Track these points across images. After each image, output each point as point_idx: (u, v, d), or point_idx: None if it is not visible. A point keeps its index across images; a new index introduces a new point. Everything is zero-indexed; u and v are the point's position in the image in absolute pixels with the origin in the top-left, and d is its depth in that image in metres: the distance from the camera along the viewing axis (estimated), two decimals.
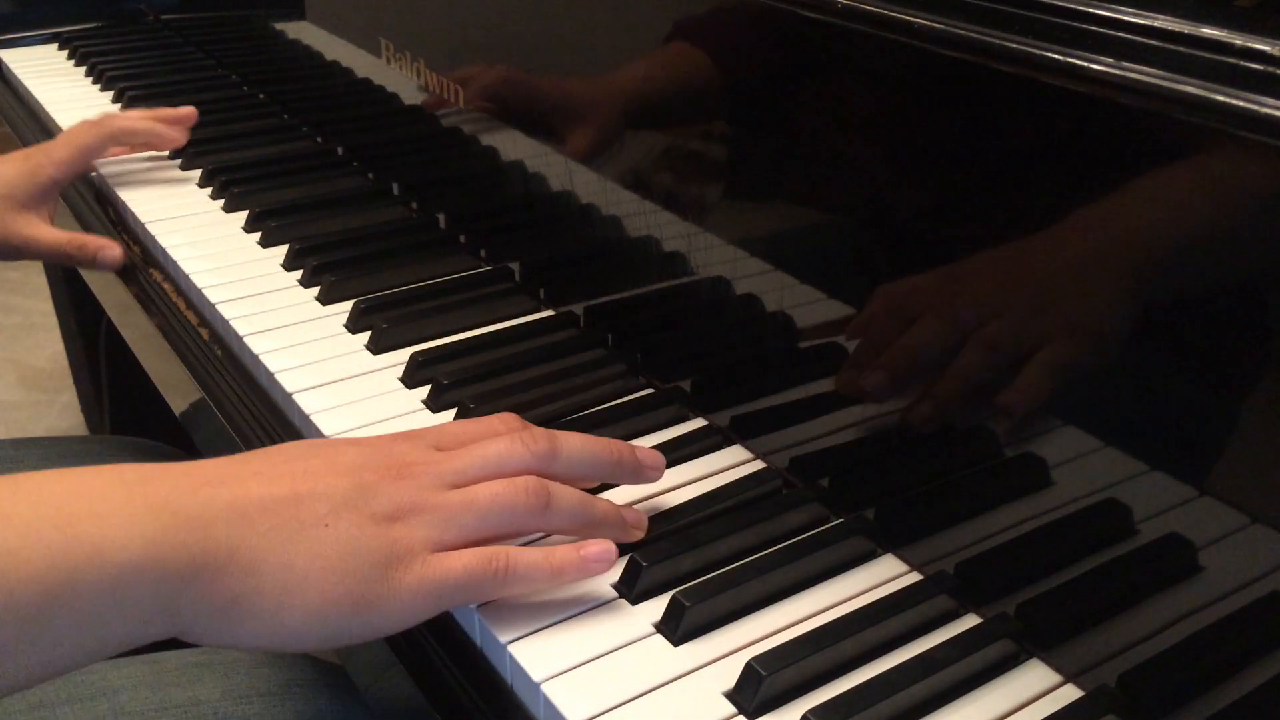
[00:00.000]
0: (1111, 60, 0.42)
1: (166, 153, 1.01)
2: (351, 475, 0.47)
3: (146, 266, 0.86)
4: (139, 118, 0.97)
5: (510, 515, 0.49)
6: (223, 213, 0.91)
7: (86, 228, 0.94)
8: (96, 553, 0.41)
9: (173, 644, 0.65)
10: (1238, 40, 0.39)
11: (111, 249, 0.86)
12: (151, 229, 0.87)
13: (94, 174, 0.97)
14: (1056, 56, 0.44)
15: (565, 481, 0.51)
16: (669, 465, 0.60)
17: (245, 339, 0.72)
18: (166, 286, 0.83)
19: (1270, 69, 0.38)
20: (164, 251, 0.84)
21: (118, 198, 0.93)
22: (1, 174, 0.85)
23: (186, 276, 0.80)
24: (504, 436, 0.51)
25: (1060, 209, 0.47)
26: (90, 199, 0.98)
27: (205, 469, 0.46)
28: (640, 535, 0.54)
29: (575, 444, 0.52)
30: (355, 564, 0.45)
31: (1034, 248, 0.48)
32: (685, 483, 0.59)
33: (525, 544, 0.53)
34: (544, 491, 0.49)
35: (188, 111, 0.99)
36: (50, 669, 0.41)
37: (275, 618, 0.44)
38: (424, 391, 0.67)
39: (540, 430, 0.52)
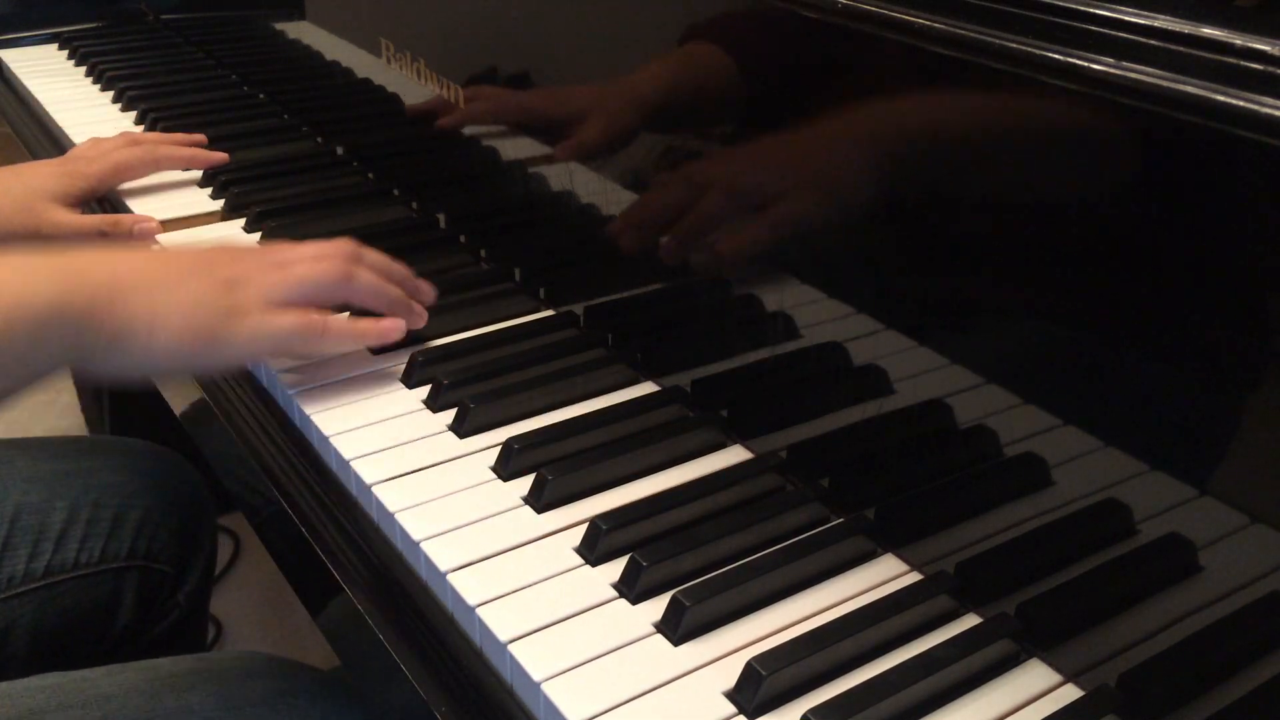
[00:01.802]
0: (1111, 60, 0.42)
1: None
2: (197, 255, 0.65)
3: None
4: (180, 149, 0.97)
5: (320, 286, 0.65)
6: (223, 213, 0.91)
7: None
8: (21, 302, 0.56)
9: (166, 651, 0.65)
10: (1238, 40, 0.39)
11: (146, 222, 0.88)
12: (152, 233, 0.87)
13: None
14: (1056, 56, 0.44)
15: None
16: (670, 465, 0.61)
17: None
18: None
19: (1270, 69, 0.38)
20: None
21: (118, 198, 0.93)
22: (38, 174, 0.88)
23: None
24: (316, 250, 0.67)
25: (1061, 212, 0.47)
26: (102, 195, 0.97)
27: (83, 251, 0.61)
28: (423, 322, 0.70)
29: (376, 255, 0.70)
30: (205, 309, 0.61)
31: (1040, 250, 0.48)
32: (686, 482, 0.59)
33: None
34: (347, 270, 0.66)
35: (202, 143, 1.00)
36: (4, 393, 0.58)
37: (148, 344, 0.59)
38: (424, 391, 0.67)
39: (351, 243, 0.68)
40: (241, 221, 0.89)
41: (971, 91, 0.49)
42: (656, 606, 0.51)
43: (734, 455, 0.62)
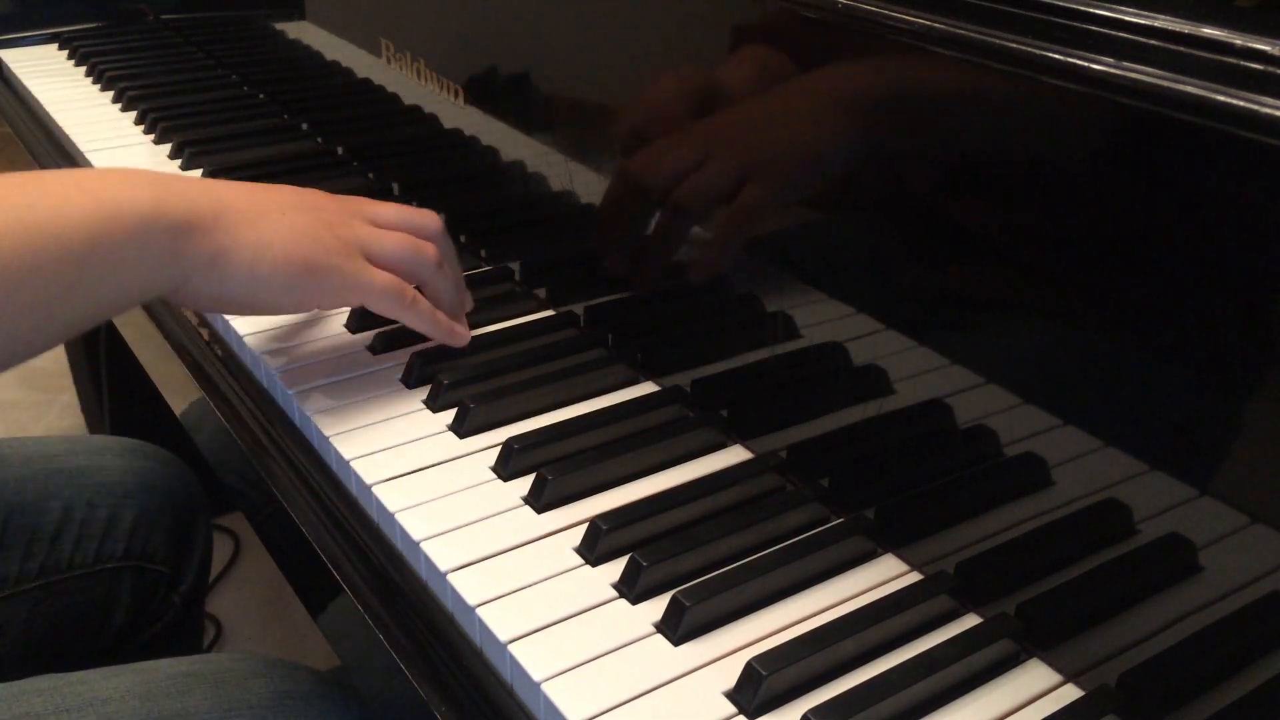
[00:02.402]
0: (1111, 60, 0.42)
1: (166, 153, 1.01)
2: (302, 194, 0.64)
3: None
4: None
5: (412, 262, 0.65)
6: None
7: None
8: (118, 209, 0.55)
9: (161, 652, 0.65)
10: (1238, 40, 0.39)
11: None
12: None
13: (90, 169, 0.97)
14: (1056, 56, 0.44)
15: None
16: (670, 465, 0.61)
17: (245, 339, 0.72)
18: None
19: (1270, 69, 0.38)
20: None
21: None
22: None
23: None
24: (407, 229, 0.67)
25: (1061, 212, 0.47)
26: None
27: (181, 177, 0.62)
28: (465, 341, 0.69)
29: (450, 273, 0.68)
30: (308, 242, 0.60)
31: (1039, 249, 0.48)
32: (686, 482, 0.59)
33: None
34: (438, 258, 0.66)
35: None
36: (89, 314, 0.57)
37: (251, 269, 0.59)
38: (424, 391, 0.67)
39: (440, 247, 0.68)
40: None
41: (970, 90, 0.49)
42: (656, 606, 0.51)
43: (734, 455, 0.62)
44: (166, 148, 1.03)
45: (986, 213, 0.50)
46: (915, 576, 0.54)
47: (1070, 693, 0.49)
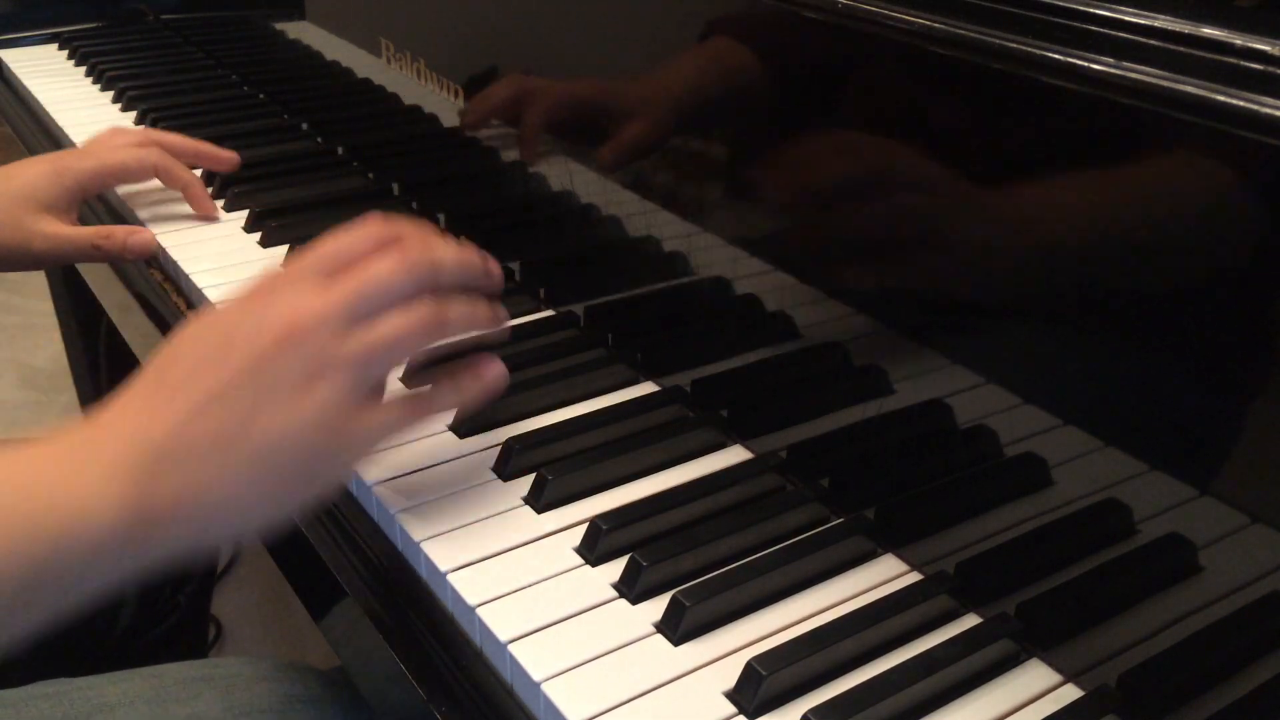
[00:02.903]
0: (1111, 60, 0.42)
1: None
2: (247, 355, 0.47)
3: (147, 266, 0.86)
4: (183, 169, 0.88)
5: (413, 347, 0.51)
6: (223, 213, 0.91)
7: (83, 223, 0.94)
8: (71, 525, 0.44)
9: (172, 658, 0.64)
10: (1238, 40, 0.39)
11: (140, 234, 0.82)
12: (152, 229, 0.87)
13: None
14: (1056, 56, 0.44)
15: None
16: (670, 465, 0.61)
17: None
18: (167, 287, 0.83)
19: (1270, 69, 0.38)
20: (164, 251, 0.84)
21: (117, 196, 0.93)
22: (25, 177, 0.81)
23: (187, 277, 0.80)
24: (386, 260, 0.50)
25: (1061, 212, 0.47)
26: (94, 194, 0.97)
27: (134, 407, 0.48)
28: (507, 332, 0.58)
29: (451, 260, 0.53)
30: (292, 451, 0.47)
31: (1039, 250, 0.48)
32: (686, 482, 0.59)
33: None
34: (438, 318, 0.51)
35: (230, 156, 0.93)
36: (42, 627, 0.45)
37: (241, 521, 0.48)
38: None
39: (415, 244, 0.52)
40: (241, 221, 0.89)
41: (968, 90, 0.49)
42: (656, 606, 0.51)
43: (734, 455, 0.62)
44: None
45: (986, 212, 0.50)
46: (915, 576, 0.54)
47: (1070, 693, 0.49)
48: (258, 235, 0.86)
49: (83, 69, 1.24)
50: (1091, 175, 0.46)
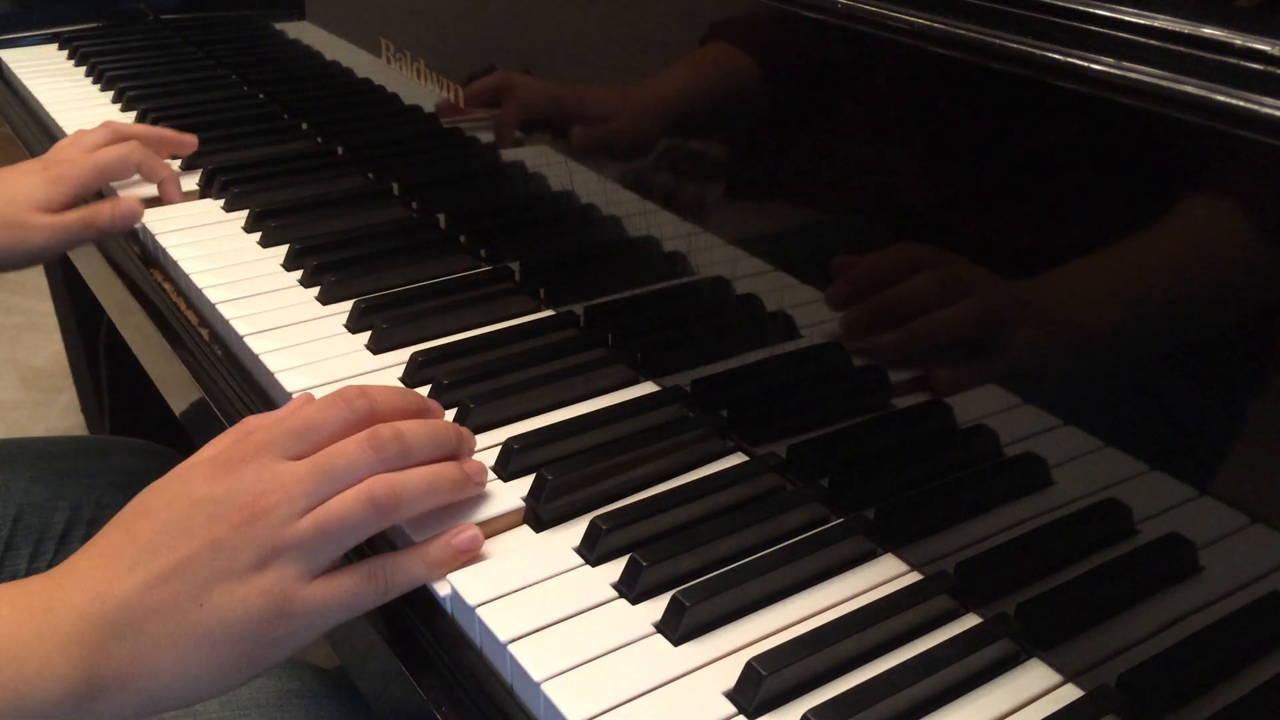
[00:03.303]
0: (1111, 60, 0.42)
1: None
2: (206, 534, 0.49)
3: (146, 266, 0.86)
4: (161, 164, 0.93)
5: (364, 530, 0.51)
6: (223, 213, 0.91)
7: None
8: (18, 696, 0.45)
9: None
10: (1238, 40, 0.39)
11: (123, 203, 0.85)
12: (151, 229, 0.87)
13: None
14: (1056, 56, 0.44)
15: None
16: (685, 470, 0.61)
17: (245, 339, 0.72)
18: (166, 286, 0.83)
19: (1270, 69, 0.38)
20: (164, 251, 0.84)
21: (116, 195, 0.93)
22: (21, 184, 0.84)
23: (186, 276, 0.80)
24: (353, 445, 0.52)
25: (1057, 209, 0.47)
26: (89, 197, 0.98)
27: (92, 574, 0.49)
28: (481, 488, 0.57)
29: (422, 437, 0.54)
30: (241, 629, 0.48)
31: (1038, 250, 0.48)
32: (686, 482, 0.59)
33: None
34: (392, 497, 0.51)
35: (191, 139, 0.98)
36: None
37: (189, 694, 0.49)
38: (424, 391, 0.67)
39: (386, 430, 0.53)
40: (241, 221, 0.89)
41: (968, 92, 0.49)
42: (656, 606, 0.51)
43: (734, 455, 0.62)
44: None
45: (986, 213, 0.50)
46: (915, 576, 0.54)
47: (1070, 693, 0.49)
48: (258, 235, 0.86)
49: (83, 69, 1.24)
50: (1090, 176, 0.46)
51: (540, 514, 0.57)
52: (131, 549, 0.49)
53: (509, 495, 0.58)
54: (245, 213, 0.89)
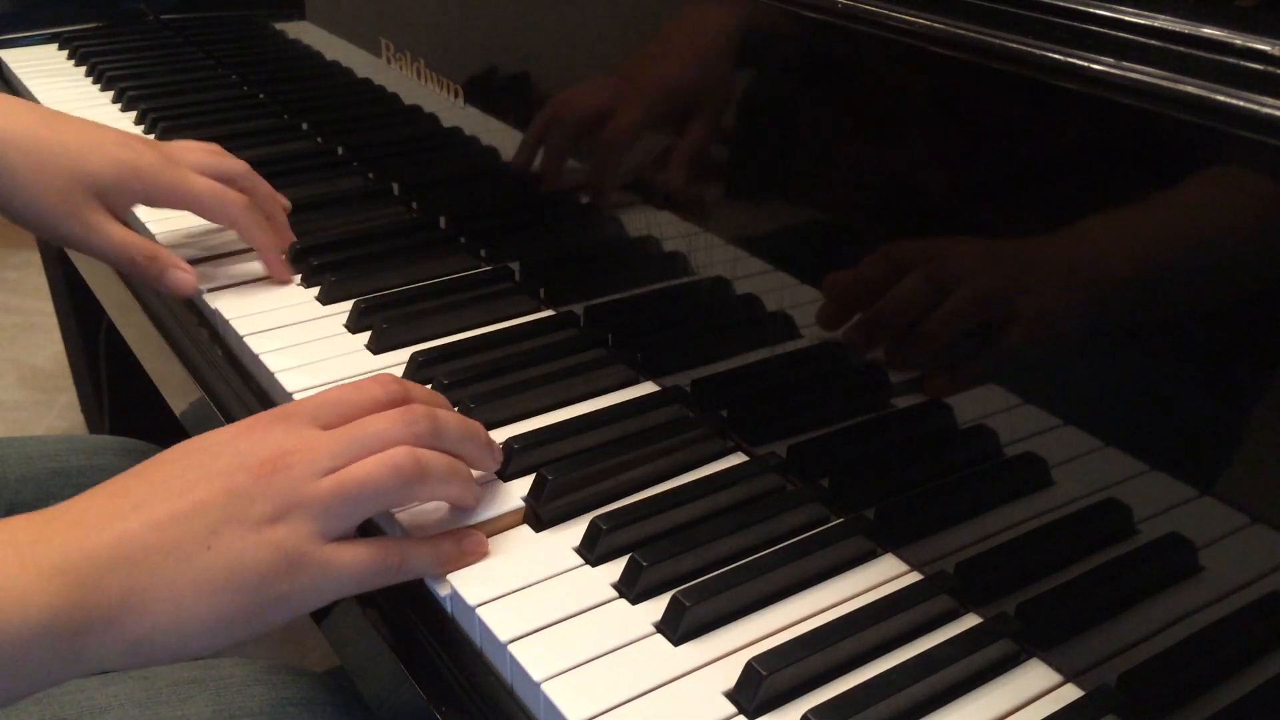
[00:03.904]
0: (1111, 60, 0.42)
1: None
2: (225, 480, 0.48)
3: None
4: (268, 236, 0.79)
5: (385, 497, 0.50)
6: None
7: None
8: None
9: None
10: (1238, 40, 0.39)
11: (182, 271, 0.76)
12: (151, 229, 0.87)
13: None
14: (1056, 56, 0.44)
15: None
16: (685, 470, 0.61)
17: (245, 339, 0.72)
18: None
19: (1270, 69, 0.38)
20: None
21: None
22: (98, 163, 0.74)
23: None
24: (384, 417, 0.51)
25: (1057, 209, 0.47)
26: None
27: (92, 511, 0.47)
28: (476, 504, 0.56)
29: (454, 423, 0.54)
30: (244, 579, 0.47)
31: (1030, 246, 0.48)
32: (686, 482, 0.59)
33: None
34: (416, 467, 0.50)
35: (288, 237, 0.83)
36: None
37: (180, 643, 0.47)
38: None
39: (421, 408, 0.53)
40: None
41: (968, 92, 0.49)
42: (656, 606, 0.51)
43: (734, 455, 0.62)
44: None
45: (986, 212, 0.50)
46: (915, 576, 0.54)
47: (1070, 693, 0.49)
48: None
49: (83, 69, 1.24)
50: (1090, 176, 0.46)
51: (540, 514, 0.57)
52: (139, 490, 0.48)
53: (509, 495, 0.58)
54: None
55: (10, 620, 0.43)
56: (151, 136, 1.06)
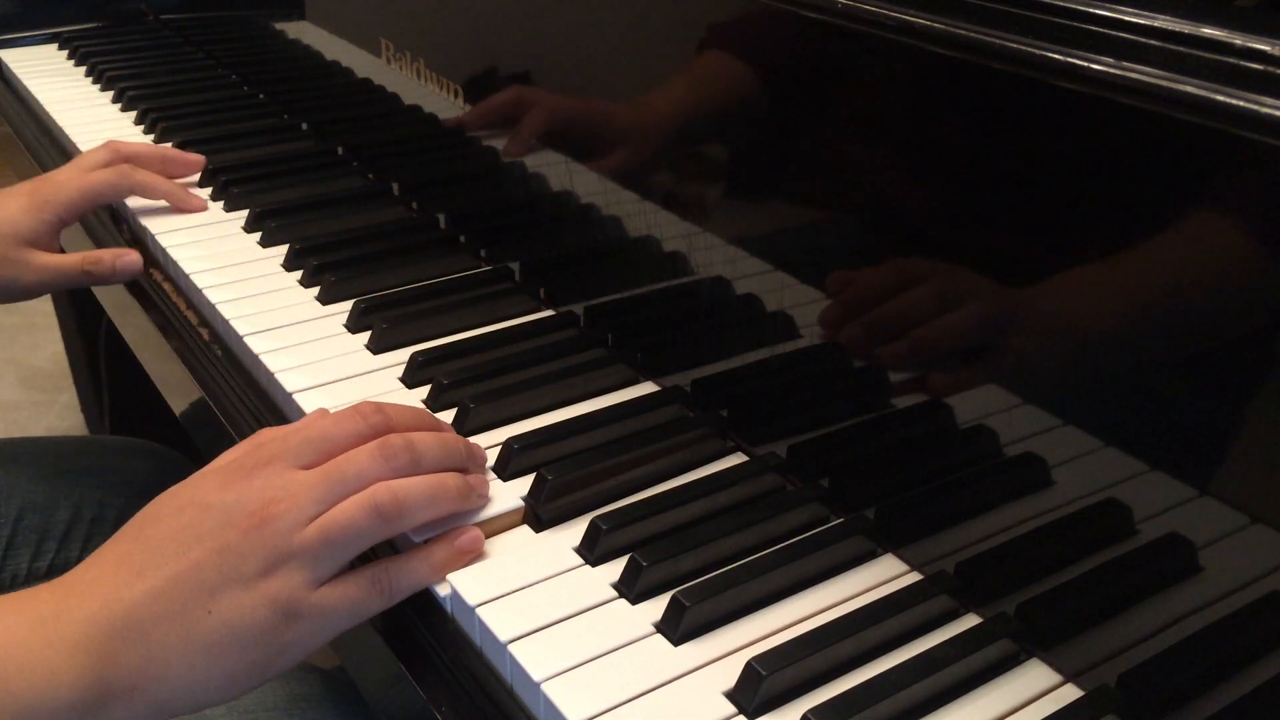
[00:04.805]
0: (1111, 60, 0.42)
1: None
2: (216, 539, 0.49)
3: (146, 266, 0.86)
4: (160, 180, 0.90)
5: (368, 537, 0.51)
6: (223, 213, 0.91)
7: (86, 228, 0.94)
8: (28, 705, 0.45)
9: None
10: (1238, 40, 0.39)
11: (127, 255, 0.83)
12: (151, 228, 0.87)
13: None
14: (1056, 56, 0.44)
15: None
16: (685, 470, 0.61)
17: (245, 339, 0.72)
18: (166, 286, 0.83)
19: (1270, 69, 0.38)
20: (164, 251, 0.84)
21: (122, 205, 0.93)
22: (7, 213, 0.81)
23: (186, 276, 0.80)
24: (364, 453, 0.52)
25: (1057, 209, 0.47)
26: (80, 219, 0.97)
27: (102, 582, 0.49)
28: (485, 500, 0.57)
29: (433, 448, 0.55)
30: (249, 636, 0.49)
31: (1030, 246, 0.48)
32: (686, 482, 0.59)
33: None
34: (395, 504, 0.51)
35: (198, 160, 0.95)
36: None
37: (198, 701, 0.49)
38: (424, 392, 0.67)
39: (398, 440, 0.53)
40: (241, 221, 0.89)
41: (968, 92, 0.49)
42: (656, 606, 0.51)
43: (734, 455, 0.62)
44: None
45: (986, 212, 0.50)
46: (915, 576, 0.54)
47: (1070, 693, 0.49)
48: (258, 235, 0.86)
49: (83, 69, 1.24)
50: (1090, 176, 0.46)
51: (540, 514, 0.57)
52: (140, 555, 0.49)
53: (509, 495, 0.58)
54: (245, 213, 0.89)
55: (43, 698, 0.46)
56: (151, 137, 1.06)
